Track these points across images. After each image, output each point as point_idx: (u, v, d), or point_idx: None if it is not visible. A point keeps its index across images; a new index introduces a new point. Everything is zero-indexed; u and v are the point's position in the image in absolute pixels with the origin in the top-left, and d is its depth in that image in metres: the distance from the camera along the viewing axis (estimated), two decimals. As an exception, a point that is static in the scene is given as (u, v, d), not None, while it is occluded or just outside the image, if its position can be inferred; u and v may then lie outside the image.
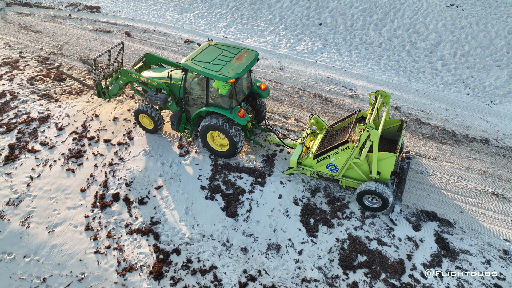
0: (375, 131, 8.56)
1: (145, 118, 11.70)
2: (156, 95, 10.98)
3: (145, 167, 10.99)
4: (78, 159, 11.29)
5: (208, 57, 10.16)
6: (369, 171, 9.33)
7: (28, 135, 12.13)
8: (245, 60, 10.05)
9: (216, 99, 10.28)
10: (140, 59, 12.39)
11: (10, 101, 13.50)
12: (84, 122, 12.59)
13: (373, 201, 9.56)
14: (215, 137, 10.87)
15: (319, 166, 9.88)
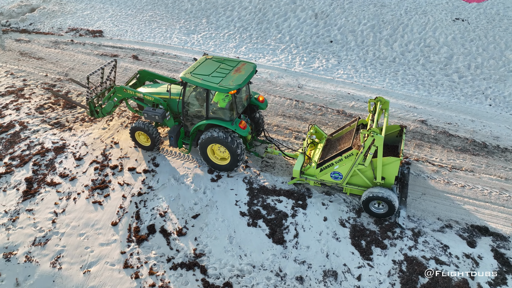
0: (380, 136, 8.59)
1: (142, 135, 11.50)
2: (154, 110, 10.84)
3: (178, 195, 10.38)
4: (103, 190, 10.57)
5: (206, 70, 10.17)
6: (374, 177, 9.36)
7: (45, 167, 11.35)
8: (244, 72, 10.09)
9: (217, 112, 10.20)
10: (134, 75, 12.26)
11: (20, 131, 12.70)
12: (104, 151, 11.91)
13: (379, 207, 9.51)
14: (215, 150, 10.75)
15: (322, 175, 9.87)
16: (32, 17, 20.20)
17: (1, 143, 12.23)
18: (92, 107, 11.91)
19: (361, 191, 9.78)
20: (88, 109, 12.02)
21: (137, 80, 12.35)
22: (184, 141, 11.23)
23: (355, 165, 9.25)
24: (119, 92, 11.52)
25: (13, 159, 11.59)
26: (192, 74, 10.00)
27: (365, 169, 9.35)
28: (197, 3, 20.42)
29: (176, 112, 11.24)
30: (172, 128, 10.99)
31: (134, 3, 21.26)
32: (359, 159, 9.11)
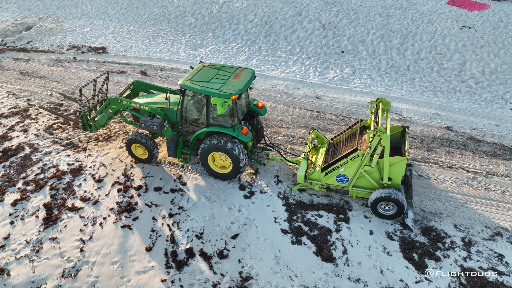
0: (386, 135, 8.56)
1: (139, 148, 11.16)
2: (152, 120, 10.52)
3: (211, 214, 9.78)
4: (131, 213, 9.87)
5: (205, 77, 10.00)
6: (380, 178, 9.26)
7: (63, 190, 10.57)
8: (243, 78, 9.96)
9: (217, 119, 10.01)
10: (128, 87, 11.96)
11: (31, 154, 11.89)
12: (125, 170, 11.23)
13: (387, 208, 9.39)
14: (216, 158, 10.51)
15: (328, 179, 9.76)
16: (29, 36, 19.46)
17: (12, 168, 11.39)
18: (85, 120, 11.46)
19: (368, 193, 9.69)
20: (81, 123, 11.56)
21: (131, 91, 12.02)
22: (183, 151, 10.90)
23: (362, 167, 9.16)
24: (113, 103, 11.10)
25: (27, 184, 10.77)
26: (191, 81, 9.80)
27: (371, 170, 9.28)
28: (201, 17, 20.13)
29: (174, 122, 10.98)
30: (170, 138, 10.73)
31: (135, 19, 20.81)
32: (365, 160, 9.03)
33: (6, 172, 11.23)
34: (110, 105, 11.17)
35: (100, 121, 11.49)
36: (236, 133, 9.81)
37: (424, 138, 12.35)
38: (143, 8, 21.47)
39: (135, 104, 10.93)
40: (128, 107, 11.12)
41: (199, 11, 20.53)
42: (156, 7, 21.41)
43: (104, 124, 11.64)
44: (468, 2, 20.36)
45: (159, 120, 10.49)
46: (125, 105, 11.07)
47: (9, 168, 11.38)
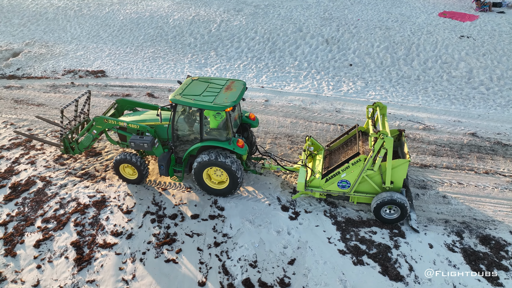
0: (390, 138, 8.54)
1: (128, 168, 10.67)
2: (142, 138, 10.01)
3: (260, 240, 9.09)
4: (172, 245, 9.01)
5: (196, 90, 9.70)
6: (382, 182, 9.22)
7: (90, 226, 9.56)
8: (235, 90, 9.75)
9: (211, 133, 9.72)
10: (112, 105, 11.47)
11: (44, 188, 10.79)
12: (154, 199, 10.37)
13: (391, 212, 9.31)
14: (211, 174, 10.13)
15: (329, 185, 9.62)
16: (18, 62, 18.26)
17: (26, 204, 10.25)
18: (67, 143, 10.84)
19: (370, 198, 9.59)
20: (62, 146, 10.89)
21: (116, 110, 11.50)
22: (175, 169, 10.45)
23: (364, 171, 9.06)
24: (99, 123, 10.50)
25: (47, 222, 9.68)
26: (182, 95, 9.44)
27: (373, 175, 9.21)
28: (200, 37, 19.71)
29: (164, 139, 10.53)
30: (161, 156, 10.27)
31: (130, 40, 20.09)
32: (368, 164, 8.93)
33: (20, 210, 10.08)
34: (95, 125, 10.54)
35: (84, 143, 10.86)
36: (232, 146, 9.51)
37: (452, 146, 12.30)
38: (137, 30, 20.82)
39: (122, 123, 10.37)
40: (114, 126, 10.55)
41: (197, 31, 20.13)
42: (151, 28, 20.82)
43: (89, 145, 11.01)
44: (458, 14, 21.15)
45: (150, 138, 10.00)
46: (111, 124, 10.48)
47: (22, 205, 10.23)
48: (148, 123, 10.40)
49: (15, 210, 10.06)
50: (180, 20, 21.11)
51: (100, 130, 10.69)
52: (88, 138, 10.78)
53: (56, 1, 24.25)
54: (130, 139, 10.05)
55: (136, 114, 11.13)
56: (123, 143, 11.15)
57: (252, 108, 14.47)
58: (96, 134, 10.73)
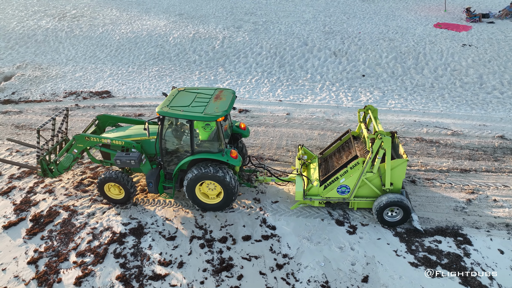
0: (388, 137, 8.52)
1: (113, 187, 9.93)
2: (128, 155, 9.39)
3: (324, 258, 8.45)
4: (230, 271, 8.19)
5: (184, 101, 9.24)
6: (382, 184, 9.12)
7: (133, 256, 8.58)
8: (225, 99, 9.37)
9: (203, 145, 9.29)
10: (92, 122, 10.82)
11: (70, 218, 9.70)
12: (196, 222, 9.54)
13: (393, 215, 9.16)
14: (204, 189, 9.66)
15: (327, 192, 9.41)
16: (11, 86, 16.99)
17: (54, 238, 9.13)
18: (45, 165, 10.04)
19: (370, 202, 9.43)
20: (40, 168, 10.07)
21: (96, 126, 10.84)
22: (165, 185, 9.85)
23: (363, 174, 8.93)
24: (80, 141, 9.83)
25: (83, 255, 8.61)
26: (170, 107, 8.95)
27: (373, 177, 9.09)
28: (204, 54, 19.23)
29: (151, 154, 9.99)
30: (150, 173, 9.65)
31: (131, 60, 19.30)
32: (367, 167, 8.82)
33: (48, 244, 8.94)
34: (76, 144, 9.86)
35: (64, 164, 10.08)
36: (225, 157, 9.07)
37: (485, 149, 12.27)
38: (136, 49, 20.08)
39: (105, 140, 9.73)
40: (97, 144, 9.88)
41: (200, 48, 19.65)
42: (151, 47, 20.14)
43: (69, 166, 10.24)
44: (452, 25, 21.89)
45: (137, 154, 9.39)
46: (94, 142, 9.82)
47: (50, 239, 9.10)
48: (133, 139, 9.78)
49: (43, 245, 8.92)
50: (181, 38, 20.60)
51: (81, 149, 9.99)
52: (69, 158, 10.01)
53: (44, 23, 23.16)
54: (115, 157, 9.40)
55: (120, 130, 10.50)
56: (106, 162, 10.43)
57: (275, 122, 14.00)
58: (77, 153, 10.03)
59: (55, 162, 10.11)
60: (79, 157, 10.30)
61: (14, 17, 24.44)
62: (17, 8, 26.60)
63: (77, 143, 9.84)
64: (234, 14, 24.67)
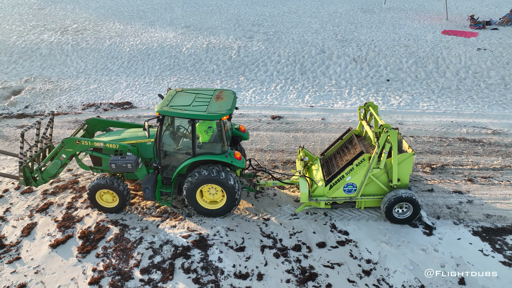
0: (394, 130, 8.33)
1: (106, 195, 9.33)
2: (124, 159, 8.80)
3: (411, 261, 7.98)
4: (315, 280, 7.56)
5: (184, 101, 8.80)
6: (389, 180, 8.87)
7: (204, 271, 7.83)
8: (226, 99, 9.00)
9: (204, 147, 8.84)
10: (80, 127, 10.09)
11: (123, 233, 8.85)
12: (262, 231, 8.88)
13: (403, 211, 8.92)
14: (204, 193, 9.14)
15: (334, 192, 9.07)
16: (23, 99, 15.97)
17: (110, 255, 8.25)
18: (28, 173, 9.22)
19: (377, 200, 9.16)
20: (22, 177, 9.21)
21: (85, 131, 10.14)
22: (162, 191, 9.26)
23: (370, 170, 8.64)
24: (69, 146, 9.12)
25: (148, 272, 7.78)
26: (171, 106, 8.49)
27: (379, 173, 8.83)
28: (222, 63, 18.81)
29: (148, 159, 9.43)
30: (146, 178, 9.10)
31: (146, 71, 18.63)
32: (374, 163, 8.54)
33: (106, 262, 8.06)
34: (64, 148, 9.13)
35: (51, 171, 9.30)
36: (229, 159, 8.63)
37: (530, 147, 12.26)
38: (149, 60, 19.45)
39: (98, 143, 9.05)
40: (88, 148, 9.23)
41: (217, 57, 19.23)
42: (165, 58, 19.56)
43: (56, 173, 9.45)
44: (459, 32, 22.40)
45: (133, 157, 8.83)
46: (85, 146, 9.14)
47: (106, 256, 8.22)
48: (128, 142, 9.22)
49: (100, 263, 8.03)
50: (194, 48, 20.14)
51: (70, 154, 9.24)
52: (56, 164, 9.24)
53: (46, 37, 22.25)
54: (110, 160, 8.77)
55: (112, 134, 9.91)
56: (97, 168, 9.67)
57: (312, 127, 13.61)
58: (66, 159, 9.27)
59: (40, 169, 9.30)
60: (68, 163, 9.44)
61: (13, 32, 23.41)
62: (14, 23, 25.57)
63: (66, 147, 9.10)
64: (241, 25, 24.51)
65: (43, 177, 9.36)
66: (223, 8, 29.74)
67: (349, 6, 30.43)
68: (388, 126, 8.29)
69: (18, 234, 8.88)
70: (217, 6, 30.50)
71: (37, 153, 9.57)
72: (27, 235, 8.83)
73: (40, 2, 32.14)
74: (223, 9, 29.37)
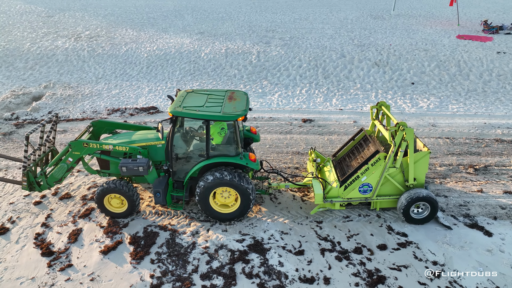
0: (410, 128, 8.18)
1: (115, 199, 8.93)
2: (135, 161, 8.46)
3: (479, 263, 7.76)
4: (385, 283, 7.29)
5: (197, 102, 8.53)
6: (405, 180, 8.68)
7: (267, 275, 7.52)
8: (240, 99, 8.78)
9: (218, 149, 8.60)
10: (86, 129, 9.74)
11: (174, 238, 8.51)
12: (317, 234, 8.62)
13: (420, 211, 8.74)
14: (217, 197, 8.83)
15: (348, 192, 8.84)
16: (45, 105, 15.62)
17: (165, 261, 7.90)
18: (32, 177, 8.86)
19: (393, 201, 8.96)
20: (25, 182, 8.84)
21: (91, 134, 9.79)
22: (173, 194, 9.01)
23: (386, 170, 8.45)
24: (76, 149, 8.74)
25: (209, 278, 7.45)
26: (184, 107, 8.23)
27: (395, 173, 8.65)
28: (243, 68, 18.68)
29: (157, 162, 9.11)
30: (157, 181, 8.79)
31: (166, 76, 18.42)
32: (390, 162, 8.36)
33: (163, 268, 7.71)
34: (72, 151, 8.75)
35: (56, 175, 8.94)
36: (244, 161, 8.42)
37: None
38: (168, 66, 19.26)
39: (107, 146, 8.73)
40: (96, 151, 8.89)
41: (237, 62, 19.10)
42: (184, 63, 19.39)
43: (62, 178, 9.10)
44: (473, 37, 22.60)
45: (145, 160, 8.49)
46: (93, 148, 8.78)
47: (161, 262, 7.87)
48: (138, 144, 8.90)
49: (157, 270, 7.68)
50: (213, 53, 20.01)
51: (77, 157, 8.85)
52: (62, 168, 8.87)
53: (60, 44, 21.98)
54: (120, 163, 8.46)
55: (120, 136, 9.53)
56: (104, 172, 9.38)
57: (345, 130, 13.45)
58: (72, 162, 8.88)
59: (44, 173, 8.92)
60: (74, 166, 9.04)
61: (25, 38, 23.11)
62: (25, 30, 25.28)
63: (74, 150, 8.73)
64: (256, 31, 24.49)
65: (47, 181, 8.99)
66: (233, 15, 29.78)
67: (358, 13, 30.67)
68: (404, 124, 8.15)
69: (65, 240, 8.50)
70: (227, 13, 30.55)
71: (40, 157, 9.12)
72: (75, 242, 8.45)
73: (48, 10, 31.93)
74: (233, 16, 29.41)
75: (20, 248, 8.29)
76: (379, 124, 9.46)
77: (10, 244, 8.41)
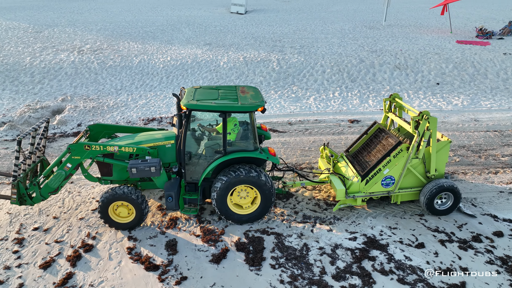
0: (434, 117, 8.10)
1: (121, 208, 8.05)
2: (146, 162, 7.64)
3: None
4: (524, 268, 7.10)
5: (210, 96, 7.98)
6: (426, 171, 8.57)
7: (400, 270, 7.11)
8: (253, 92, 8.37)
9: (234, 144, 8.15)
10: (83, 134, 8.76)
11: (282, 242, 7.90)
12: (425, 225, 8.34)
13: (443, 202, 8.69)
14: (234, 198, 8.33)
15: (371, 186, 8.60)
16: (71, 118, 14.44)
17: (286, 265, 7.28)
18: (23, 189, 7.80)
19: (414, 193, 8.80)
20: (15, 194, 7.75)
21: (88, 139, 8.90)
22: (185, 198, 8.28)
23: (409, 161, 8.30)
24: (77, 152, 7.79)
25: (343, 279, 6.91)
26: (197, 100, 7.63)
27: (417, 164, 8.49)
28: (267, 75, 18.43)
29: (166, 163, 8.38)
30: (168, 185, 8.03)
31: (191, 85, 17.75)
32: (413, 153, 8.24)
33: (289, 273, 7.07)
34: (71, 156, 7.79)
35: (52, 185, 7.90)
36: (265, 155, 8.02)
37: None
38: (189, 75, 18.63)
39: (111, 147, 7.84)
40: (99, 154, 7.94)
41: (260, 70, 18.84)
42: (204, 72, 18.84)
43: (59, 187, 8.03)
44: (472, 42, 23.84)
45: (156, 160, 7.71)
46: (95, 151, 7.84)
47: (282, 266, 7.23)
48: (146, 145, 8.09)
49: (283, 274, 7.04)
50: (232, 62, 19.64)
51: (78, 163, 7.87)
52: (59, 176, 7.83)
53: (64, 57, 20.70)
54: (129, 165, 7.55)
55: (123, 139, 8.61)
56: (106, 179, 8.46)
57: (395, 128, 13.47)
58: (71, 168, 7.86)
59: (38, 183, 7.94)
60: (73, 173, 7.96)
61: (23, 53, 21.56)
62: (17, 45, 23.61)
63: (73, 154, 7.75)
64: (263, 42, 24.44)
65: (41, 193, 7.94)
66: (230, 28, 29.65)
67: (351, 24, 31.59)
68: (427, 113, 7.98)
69: (164, 253, 7.62)
70: (223, 27, 30.39)
71: (31, 166, 8.03)
72: (176, 253, 7.60)
73: (33, 26, 30.21)
74: (232, 29, 29.29)
75: (117, 264, 7.33)
76: (394, 116, 9.17)
77: (103, 261, 7.42)
